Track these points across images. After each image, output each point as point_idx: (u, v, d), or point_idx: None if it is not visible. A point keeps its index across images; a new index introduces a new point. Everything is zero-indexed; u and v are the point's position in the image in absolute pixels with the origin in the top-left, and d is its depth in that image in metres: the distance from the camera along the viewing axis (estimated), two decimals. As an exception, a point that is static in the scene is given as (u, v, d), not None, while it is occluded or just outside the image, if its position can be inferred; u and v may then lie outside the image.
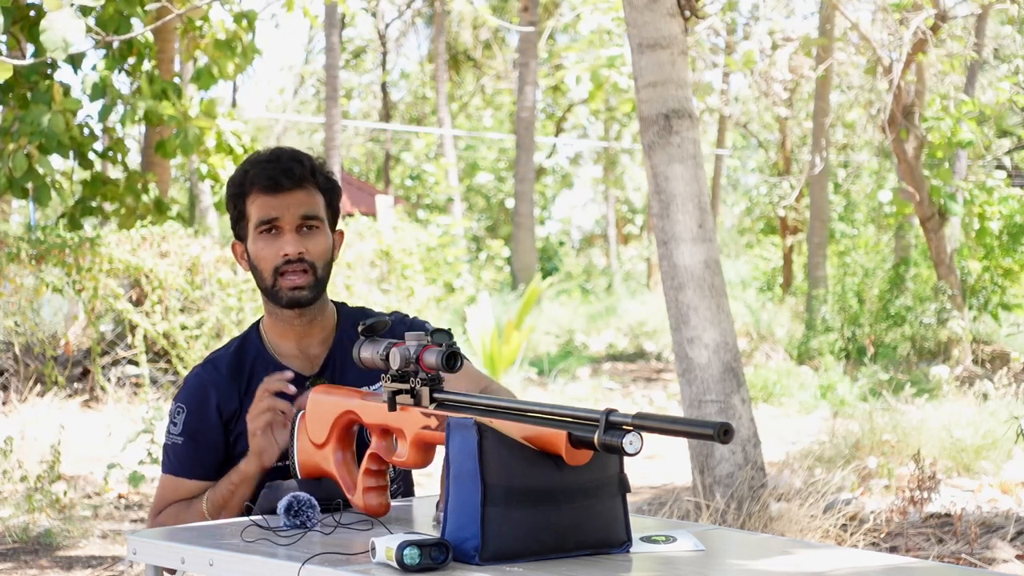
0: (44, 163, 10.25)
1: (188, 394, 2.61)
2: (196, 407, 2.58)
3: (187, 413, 2.59)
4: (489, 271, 21.80)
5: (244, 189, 2.59)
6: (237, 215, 2.61)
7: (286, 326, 2.60)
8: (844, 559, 2.02)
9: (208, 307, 10.55)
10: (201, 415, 2.57)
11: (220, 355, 2.65)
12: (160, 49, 11.95)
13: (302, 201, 2.57)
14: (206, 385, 2.60)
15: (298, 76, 32.41)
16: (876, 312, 12.90)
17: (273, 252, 2.55)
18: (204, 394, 2.59)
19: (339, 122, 16.45)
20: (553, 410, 1.92)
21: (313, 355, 2.61)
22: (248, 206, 2.58)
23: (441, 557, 1.86)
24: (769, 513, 5.06)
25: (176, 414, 2.60)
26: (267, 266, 2.56)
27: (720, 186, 24.90)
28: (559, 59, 25.52)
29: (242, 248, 2.63)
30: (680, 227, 5.20)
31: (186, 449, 2.57)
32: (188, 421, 2.58)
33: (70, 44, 4.69)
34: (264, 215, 2.56)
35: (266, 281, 2.57)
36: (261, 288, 2.60)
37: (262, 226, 2.56)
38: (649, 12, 5.22)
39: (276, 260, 2.55)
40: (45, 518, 6.08)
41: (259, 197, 2.56)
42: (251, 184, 2.58)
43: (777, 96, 12.02)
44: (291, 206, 2.55)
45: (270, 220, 2.55)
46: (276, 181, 2.56)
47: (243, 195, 2.59)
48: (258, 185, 2.57)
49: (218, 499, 2.51)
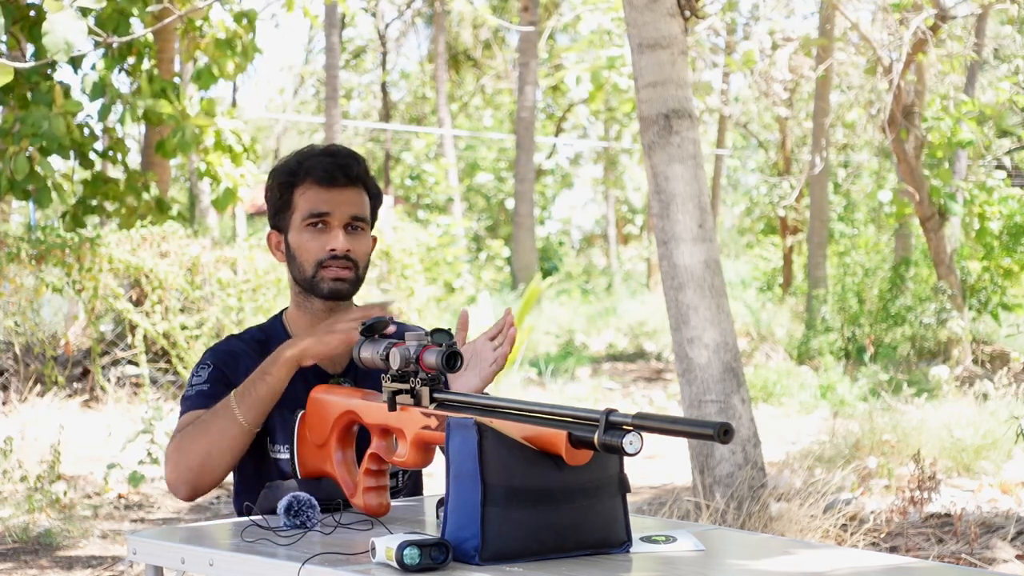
0: (45, 165, 10.25)
1: (217, 355, 2.54)
2: (224, 365, 2.52)
3: (214, 368, 2.52)
4: (489, 271, 21.79)
5: (296, 179, 2.53)
6: (281, 204, 2.55)
7: (314, 320, 2.55)
8: (844, 559, 2.02)
9: (208, 307, 10.55)
10: (228, 372, 2.50)
11: (247, 334, 2.60)
12: (160, 49, 11.96)
13: (354, 200, 2.53)
14: (237, 353, 2.54)
15: (298, 76, 32.40)
16: (876, 312, 12.90)
17: (319, 245, 2.50)
18: (234, 359, 2.53)
19: (339, 122, 16.44)
20: (553, 410, 1.92)
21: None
22: (297, 196, 2.53)
23: (441, 557, 1.86)
24: (769, 513, 5.06)
25: (201, 369, 2.52)
26: (310, 258, 2.51)
27: (720, 186, 24.90)
28: (559, 59, 25.53)
29: (279, 239, 2.57)
30: (680, 227, 5.20)
31: (211, 389, 2.48)
32: (214, 374, 2.51)
33: (72, 46, 4.69)
34: (315, 208, 2.51)
35: (306, 272, 2.52)
36: (299, 279, 2.54)
37: (312, 218, 2.51)
38: (649, 12, 5.22)
39: (321, 254, 2.50)
40: (45, 518, 6.09)
41: (311, 189, 2.51)
42: (306, 174, 2.52)
43: (777, 96, 12.03)
44: (343, 204, 2.51)
45: (321, 214, 2.51)
46: (333, 175, 2.51)
47: (293, 184, 2.53)
48: (313, 177, 2.51)
49: (244, 387, 2.40)
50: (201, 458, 2.38)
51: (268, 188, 2.59)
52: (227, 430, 2.38)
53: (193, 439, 2.39)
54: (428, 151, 25.02)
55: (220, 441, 2.38)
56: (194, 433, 2.40)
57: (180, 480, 2.40)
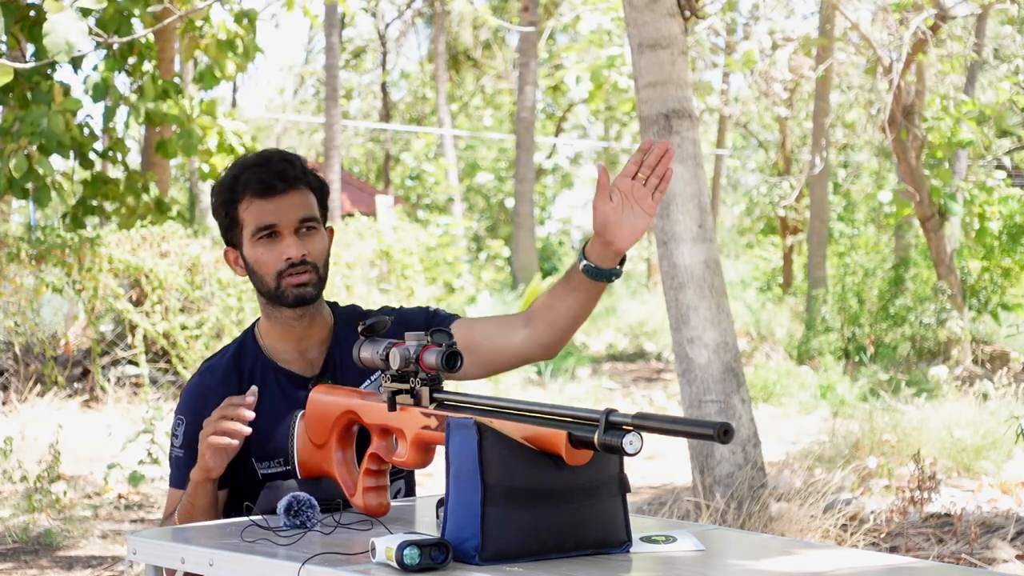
0: (44, 164, 10.24)
1: (186, 405, 2.56)
2: (194, 417, 2.51)
3: (186, 424, 2.53)
4: (489, 271, 21.79)
5: (235, 195, 2.50)
6: (229, 222, 2.53)
7: (285, 328, 2.55)
8: (844, 559, 2.03)
9: (208, 307, 10.55)
10: (200, 425, 2.49)
11: (216, 362, 2.60)
12: (161, 49, 11.95)
13: (298, 203, 2.50)
14: (204, 394, 2.54)
15: (298, 76, 32.41)
16: (876, 312, 12.90)
17: (274, 256, 2.49)
18: (203, 402, 2.52)
19: (339, 122, 16.44)
20: (553, 410, 1.92)
21: (312, 357, 2.56)
22: (241, 212, 2.50)
23: (441, 557, 1.86)
24: (769, 513, 5.06)
25: (177, 426, 2.55)
26: (269, 270, 2.50)
27: (720, 186, 24.90)
28: (559, 59, 25.52)
29: (235, 254, 2.56)
30: (680, 227, 5.20)
31: (187, 460, 2.50)
32: (188, 431, 2.53)
33: (73, 46, 4.69)
34: (261, 221, 2.49)
35: (268, 285, 2.51)
36: (263, 293, 2.53)
37: (260, 232, 2.49)
38: (649, 12, 5.22)
39: (279, 264, 2.49)
40: (45, 518, 6.08)
41: (253, 202, 2.49)
42: (243, 189, 2.49)
43: (777, 96, 12.03)
44: (288, 210, 2.49)
45: (268, 226, 2.49)
46: (270, 185, 2.48)
47: (235, 201, 2.51)
48: (252, 190, 2.49)
49: (182, 511, 2.46)
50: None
51: (213, 207, 2.57)
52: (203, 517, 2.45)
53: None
54: (428, 151, 25.04)
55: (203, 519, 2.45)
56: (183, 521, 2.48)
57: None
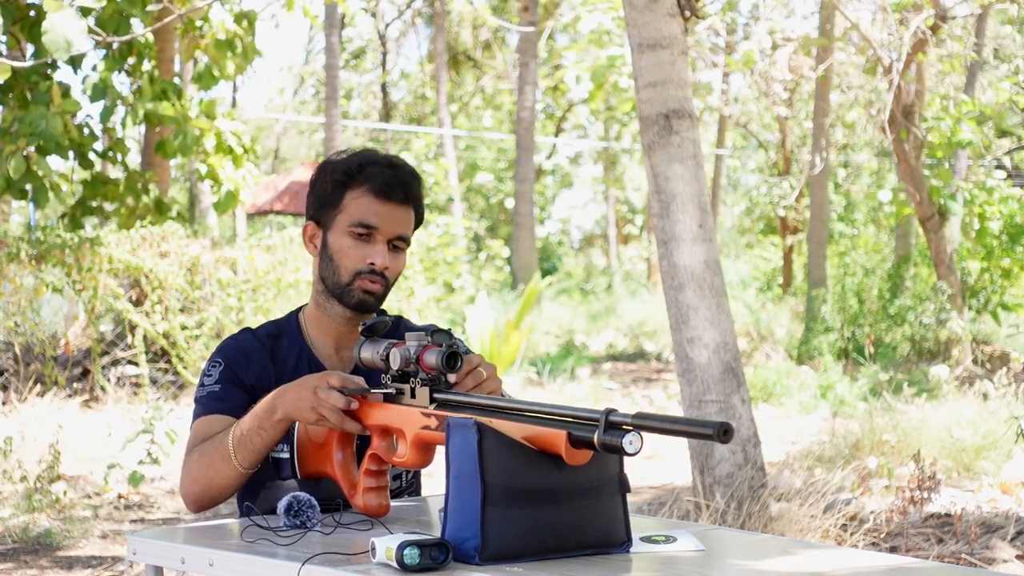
0: (42, 164, 10.24)
1: (226, 354, 2.52)
2: (233, 363, 2.49)
3: (223, 367, 2.50)
4: (489, 271, 21.80)
5: (353, 181, 2.48)
6: (329, 201, 2.50)
7: (333, 324, 2.54)
8: (844, 559, 2.02)
9: (208, 307, 10.55)
10: (238, 370, 2.48)
11: (263, 330, 2.57)
12: (160, 49, 11.95)
13: (403, 219, 2.49)
14: (248, 352, 2.52)
15: (298, 76, 32.42)
16: (876, 312, 12.90)
17: (360, 255, 2.47)
18: (246, 357, 2.51)
19: (339, 122, 16.45)
20: (553, 410, 1.92)
21: (346, 357, 2.57)
22: (348, 199, 2.48)
23: (441, 557, 1.86)
24: (769, 513, 5.06)
25: (212, 367, 2.50)
26: (349, 265, 2.48)
27: (720, 186, 24.90)
28: (559, 59, 25.54)
29: (315, 232, 2.53)
30: (680, 227, 5.20)
31: (223, 391, 2.47)
32: (224, 373, 2.49)
33: (72, 45, 4.69)
34: (365, 218, 2.47)
35: (341, 279, 2.48)
36: (329, 282, 2.51)
37: (359, 227, 2.47)
38: (649, 12, 5.22)
39: (361, 264, 2.47)
40: (45, 518, 6.09)
41: (366, 196, 2.47)
42: (364, 180, 2.47)
43: (777, 96, 12.03)
44: (393, 220, 2.47)
45: (370, 226, 2.47)
46: (392, 189, 2.47)
47: (347, 185, 2.48)
48: (372, 185, 2.47)
49: (242, 436, 2.35)
50: (203, 487, 2.40)
51: (318, 179, 2.53)
52: (224, 471, 2.38)
53: (198, 466, 2.40)
54: (428, 151, 25.03)
55: (219, 480, 2.39)
56: (199, 460, 2.40)
57: (188, 497, 2.44)
